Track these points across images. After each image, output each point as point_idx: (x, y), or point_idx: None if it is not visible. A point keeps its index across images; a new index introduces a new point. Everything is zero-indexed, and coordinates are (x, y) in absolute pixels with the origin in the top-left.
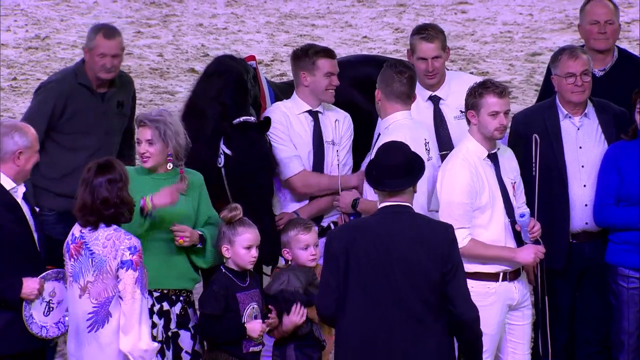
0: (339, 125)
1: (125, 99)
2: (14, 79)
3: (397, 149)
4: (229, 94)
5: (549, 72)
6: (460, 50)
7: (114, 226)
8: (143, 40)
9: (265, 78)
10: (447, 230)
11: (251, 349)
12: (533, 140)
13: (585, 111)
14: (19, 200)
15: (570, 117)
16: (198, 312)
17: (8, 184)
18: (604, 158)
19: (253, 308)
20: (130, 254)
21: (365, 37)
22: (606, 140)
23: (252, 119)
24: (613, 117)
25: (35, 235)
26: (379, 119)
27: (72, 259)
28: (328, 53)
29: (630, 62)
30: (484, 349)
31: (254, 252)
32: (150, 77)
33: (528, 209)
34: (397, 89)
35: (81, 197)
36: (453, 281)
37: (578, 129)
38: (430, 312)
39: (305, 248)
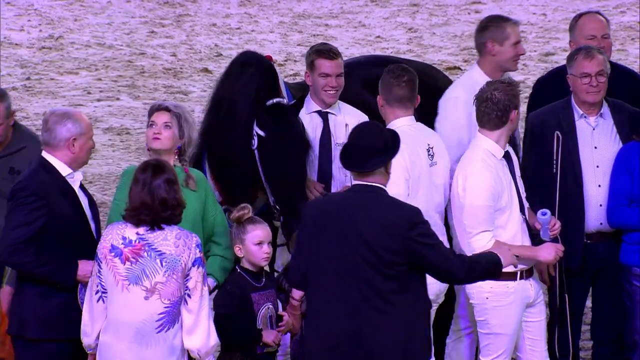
0: (349, 128)
1: (22, 167)
2: (28, 78)
3: (370, 129)
4: (261, 79)
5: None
6: (473, 50)
7: (175, 225)
8: (156, 40)
9: (283, 79)
10: (412, 213)
11: (266, 349)
12: (555, 137)
13: (601, 111)
14: (75, 187)
15: (585, 117)
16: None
17: (64, 170)
18: (617, 159)
19: (268, 308)
20: (199, 251)
21: (378, 37)
22: (621, 141)
23: (285, 100)
24: (628, 117)
25: (93, 225)
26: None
27: (129, 262)
28: (326, 54)
29: (621, 74)
30: (501, 350)
31: (266, 248)
32: (164, 77)
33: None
34: (397, 93)
35: (139, 197)
36: (425, 260)
37: (593, 129)
38: (393, 290)
39: None
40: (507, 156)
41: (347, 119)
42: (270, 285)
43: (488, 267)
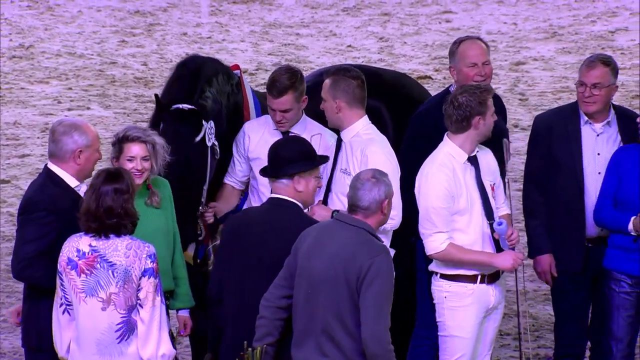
0: (314, 141)
1: None
2: None
3: (290, 141)
4: (180, 82)
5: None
6: (445, 59)
7: (128, 235)
8: (127, 49)
9: (251, 88)
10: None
11: None
12: (504, 144)
13: (608, 119)
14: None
15: (590, 123)
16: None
17: (72, 182)
18: (610, 161)
19: None
20: (151, 262)
21: (349, 46)
22: None
23: (187, 106)
24: (631, 124)
25: None
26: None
27: (84, 275)
28: (271, 91)
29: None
30: (458, 354)
31: None
32: (135, 86)
33: (504, 218)
34: (359, 95)
35: (86, 202)
36: None
37: (598, 136)
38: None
39: None
40: (473, 161)
41: (310, 134)
42: None
43: None
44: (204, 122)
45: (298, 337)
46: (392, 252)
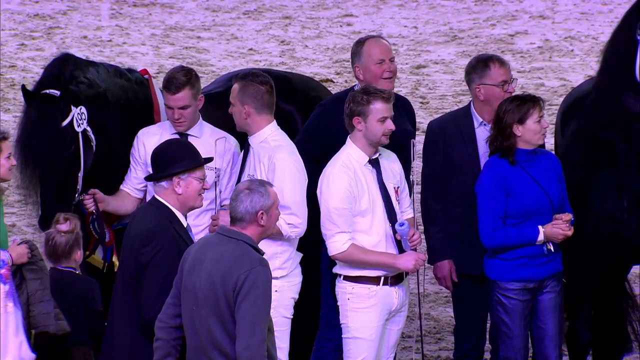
0: (218, 145)
1: None
2: None
3: (172, 144)
4: (49, 70)
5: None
6: (345, 62)
7: None
8: (27, 52)
9: (162, 91)
10: (149, 231)
11: None
12: (411, 144)
13: None
14: None
15: (485, 124)
16: None
17: None
18: (486, 180)
19: None
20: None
21: (251, 49)
22: None
23: (53, 91)
24: None
25: None
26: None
27: None
28: (168, 88)
29: (400, 99)
30: (362, 356)
31: None
32: None
33: (407, 220)
34: (268, 100)
35: None
36: (144, 275)
37: None
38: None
39: None
40: (375, 163)
41: (210, 139)
42: None
43: None
44: (72, 107)
45: (191, 355)
46: (300, 255)
